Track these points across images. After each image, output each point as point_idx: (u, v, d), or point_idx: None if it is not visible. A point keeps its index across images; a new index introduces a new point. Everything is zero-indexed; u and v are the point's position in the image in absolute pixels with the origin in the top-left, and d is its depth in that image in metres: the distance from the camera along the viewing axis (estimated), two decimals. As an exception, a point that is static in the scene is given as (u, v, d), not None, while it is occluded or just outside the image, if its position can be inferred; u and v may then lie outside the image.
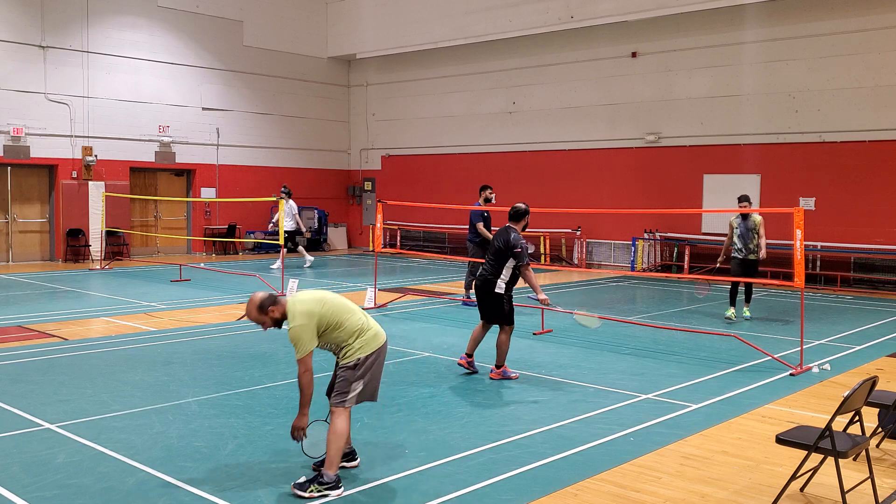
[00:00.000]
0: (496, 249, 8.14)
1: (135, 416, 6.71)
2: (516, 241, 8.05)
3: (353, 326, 5.16)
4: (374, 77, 26.48)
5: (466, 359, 8.40)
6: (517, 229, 8.24)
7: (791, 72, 17.90)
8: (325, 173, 26.47)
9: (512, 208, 8.39)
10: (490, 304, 8.17)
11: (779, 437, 4.98)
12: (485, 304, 8.22)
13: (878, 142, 16.81)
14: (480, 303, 8.29)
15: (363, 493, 5.04)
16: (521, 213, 8.34)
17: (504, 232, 8.19)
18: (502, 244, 8.10)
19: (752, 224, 11.93)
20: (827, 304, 14.43)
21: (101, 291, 14.96)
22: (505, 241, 8.08)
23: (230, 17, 23.67)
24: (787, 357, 9.24)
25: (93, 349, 9.56)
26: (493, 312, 8.18)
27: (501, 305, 8.13)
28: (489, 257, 8.25)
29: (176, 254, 23.07)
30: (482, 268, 8.29)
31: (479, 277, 8.23)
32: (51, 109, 20.12)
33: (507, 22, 21.47)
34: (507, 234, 8.14)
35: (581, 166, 21.35)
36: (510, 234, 8.11)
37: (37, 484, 5.15)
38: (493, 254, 8.18)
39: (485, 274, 8.19)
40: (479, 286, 8.25)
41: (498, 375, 8.15)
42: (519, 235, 8.15)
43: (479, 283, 8.23)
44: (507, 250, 8.04)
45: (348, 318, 5.16)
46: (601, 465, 5.61)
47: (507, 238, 8.09)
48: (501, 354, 8.16)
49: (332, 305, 5.14)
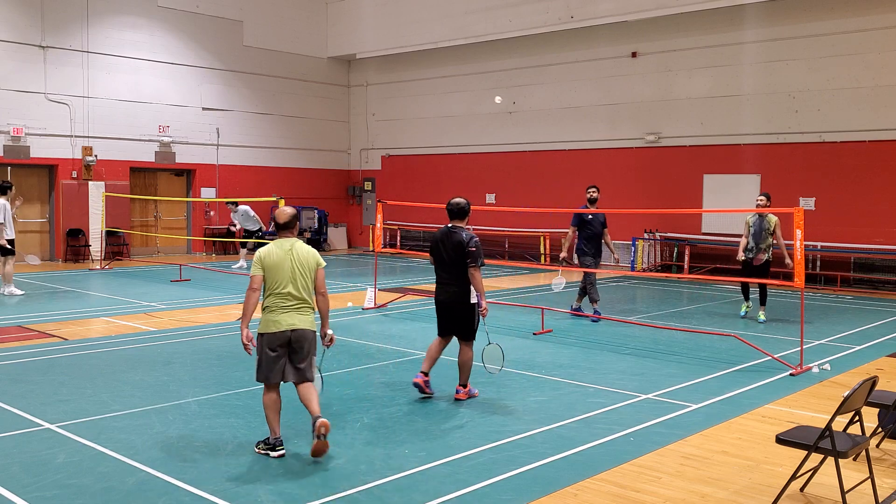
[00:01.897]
0: (452, 256, 7.18)
1: (135, 416, 6.71)
2: (470, 239, 7.16)
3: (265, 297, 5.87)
4: (374, 77, 26.48)
5: (423, 378, 7.39)
6: (465, 227, 7.34)
7: (791, 72, 17.90)
8: (325, 173, 26.47)
9: (454, 205, 7.34)
10: (462, 317, 7.26)
11: (779, 437, 4.98)
12: (455, 318, 7.30)
13: (878, 142, 16.81)
14: (447, 317, 7.35)
15: (363, 493, 5.04)
16: (466, 209, 7.37)
17: (453, 233, 7.24)
18: (455, 247, 7.16)
19: (766, 224, 12.00)
20: (827, 304, 14.43)
21: (101, 291, 14.96)
22: (459, 243, 7.15)
23: (230, 17, 23.67)
24: (787, 357, 9.24)
25: (93, 349, 9.56)
26: (464, 327, 7.30)
27: (473, 319, 7.28)
28: (445, 267, 7.26)
29: (176, 254, 23.08)
30: (442, 284, 7.34)
31: (443, 294, 7.31)
32: (51, 109, 20.12)
33: (507, 22, 21.47)
34: (457, 234, 7.21)
35: (581, 166, 21.34)
36: (462, 234, 7.19)
37: (37, 484, 5.15)
38: (450, 262, 7.21)
39: (451, 287, 7.25)
40: (446, 301, 7.30)
41: (465, 395, 7.36)
42: (472, 234, 7.26)
43: (447, 297, 7.29)
44: (462, 252, 7.13)
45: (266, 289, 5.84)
46: (601, 465, 5.61)
47: (459, 239, 7.17)
48: (468, 371, 7.37)
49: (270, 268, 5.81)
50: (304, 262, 5.85)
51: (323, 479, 5.29)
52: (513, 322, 11.79)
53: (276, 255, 5.81)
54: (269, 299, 5.81)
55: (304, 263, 5.85)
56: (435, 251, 7.39)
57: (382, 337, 10.49)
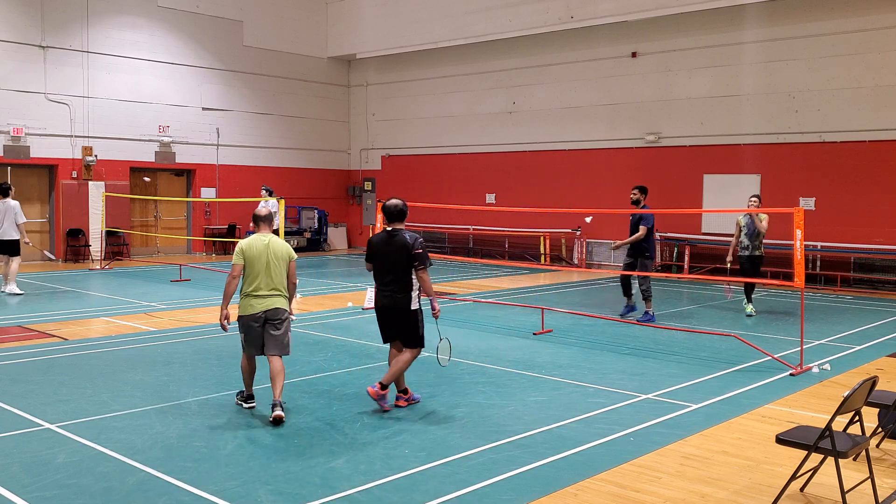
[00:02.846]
0: (395, 259, 6.87)
1: (135, 416, 6.71)
2: (415, 240, 6.87)
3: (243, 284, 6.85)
4: (374, 77, 26.48)
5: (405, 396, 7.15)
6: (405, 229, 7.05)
7: (791, 72, 17.90)
8: (325, 173, 26.47)
9: (393, 207, 7.01)
10: (407, 322, 6.95)
11: (779, 437, 4.98)
12: (400, 323, 6.99)
13: (878, 142, 16.81)
14: (392, 324, 7.03)
15: (363, 493, 5.04)
16: (405, 210, 7.05)
17: (394, 236, 6.92)
18: (399, 250, 6.86)
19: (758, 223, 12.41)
20: (827, 304, 14.43)
21: (101, 291, 14.96)
22: (403, 245, 6.85)
23: (230, 17, 23.67)
24: (787, 357, 9.24)
25: (93, 349, 9.56)
26: (410, 333, 6.97)
27: (419, 325, 6.98)
28: (387, 271, 6.94)
29: (176, 254, 23.08)
30: (383, 290, 6.99)
31: (386, 298, 6.96)
32: (51, 109, 20.12)
33: (507, 22, 21.47)
34: (400, 236, 6.89)
35: (581, 166, 21.35)
36: (405, 236, 6.89)
37: (37, 484, 5.15)
38: (393, 265, 6.89)
39: (392, 293, 6.92)
40: (390, 306, 6.96)
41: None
42: (415, 235, 6.98)
43: (388, 304, 6.95)
44: (408, 255, 6.82)
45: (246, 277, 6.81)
46: (601, 465, 5.61)
47: (403, 241, 6.85)
48: (397, 373, 6.97)
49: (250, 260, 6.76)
50: (278, 256, 6.82)
51: (323, 479, 5.29)
52: (513, 322, 11.79)
53: (256, 248, 6.77)
54: (248, 286, 6.79)
55: (279, 256, 6.83)
56: (374, 256, 7.04)
57: (382, 337, 10.48)
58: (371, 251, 7.11)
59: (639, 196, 12.11)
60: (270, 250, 6.78)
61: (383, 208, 7.06)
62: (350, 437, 6.18)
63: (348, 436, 6.22)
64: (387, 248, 6.95)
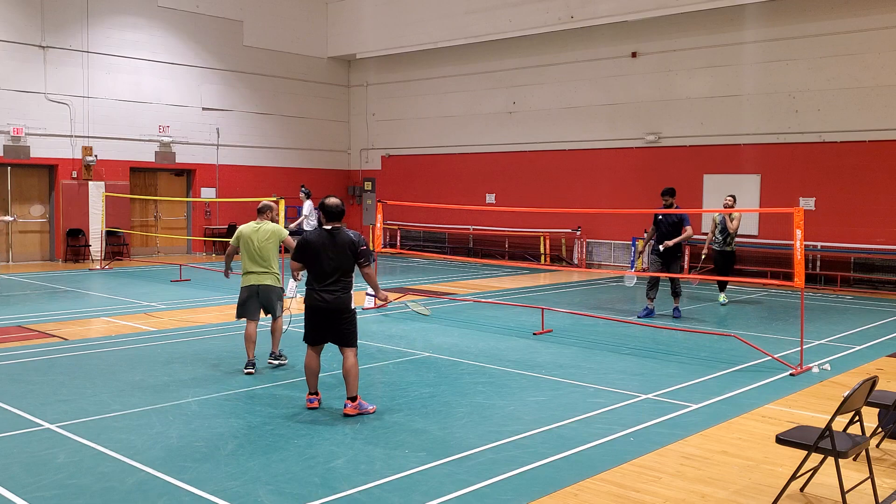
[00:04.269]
0: (337, 257, 6.75)
1: (135, 416, 6.71)
2: (359, 238, 6.86)
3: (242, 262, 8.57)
4: (374, 77, 26.48)
5: (317, 398, 7.06)
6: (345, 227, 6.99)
7: (791, 72, 17.90)
8: (325, 173, 26.46)
9: (335, 206, 6.88)
10: (346, 324, 6.84)
11: (779, 437, 4.98)
12: (338, 323, 6.82)
13: (878, 142, 16.81)
14: (328, 324, 6.85)
15: (363, 493, 5.04)
16: (344, 209, 7.00)
17: (336, 234, 6.80)
18: (343, 248, 6.76)
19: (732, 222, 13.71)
20: (827, 304, 14.43)
21: (101, 291, 14.96)
22: (349, 243, 6.77)
23: (230, 17, 23.67)
24: (787, 357, 9.24)
25: (93, 349, 9.56)
26: (348, 333, 6.87)
27: (355, 324, 6.93)
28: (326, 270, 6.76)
29: (176, 254, 23.08)
30: (321, 290, 6.79)
31: (327, 297, 6.77)
32: (51, 109, 20.12)
33: (507, 22, 21.47)
34: (343, 234, 6.80)
35: (581, 166, 21.35)
36: (349, 234, 6.83)
37: (37, 484, 5.15)
38: (334, 263, 6.75)
39: (335, 291, 6.77)
40: (328, 307, 6.78)
41: (355, 410, 6.78)
42: (357, 232, 6.95)
43: (329, 303, 6.77)
44: (354, 252, 6.77)
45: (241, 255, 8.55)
46: (601, 465, 5.61)
47: (348, 239, 6.78)
48: (356, 381, 6.82)
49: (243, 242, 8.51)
50: (262, 239, 8.39)
51: (323, 479, 5.29)
52: (513, 322, 11.79)
53: (247, 232, 8.49)
54: (242, 264, 8.49)
55: (264, 239, 8.39)
56: (312, 256, 6.80)
57: (382, 337, 10.49)
58: (308, 250, 6.82)
59: (671, 199, 12.48)
60: (257, 235, 8.41)
61: (323, 207, 6.87)
62: (350, 437, 6.18)
63: (348, 436, 6.22)
64: (329, 247, 6.75)
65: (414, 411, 6.96)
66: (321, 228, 6.89)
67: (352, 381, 6.78)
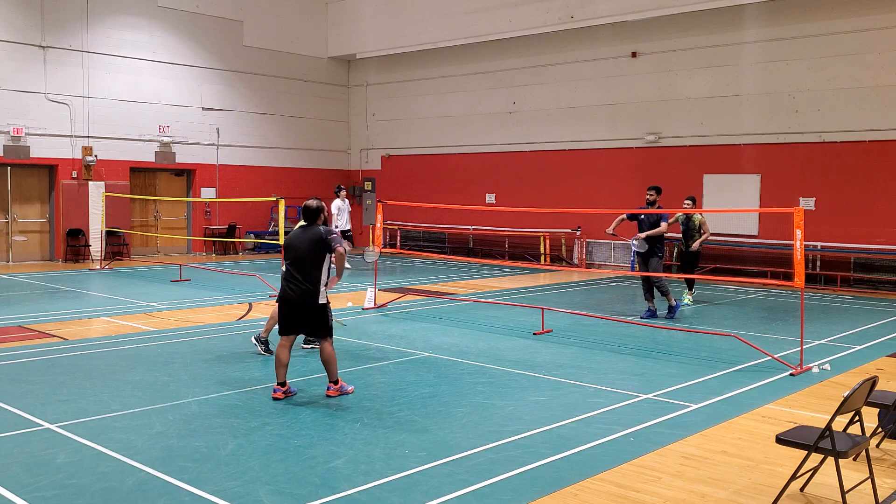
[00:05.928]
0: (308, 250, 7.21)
1: (135, 416, 6.71)
2: (328, 231, 7.30)
3: None
4: (374, 77, 26.48)
5: (283, 389, 7.31)
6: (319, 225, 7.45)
7: (791, 72, 17.90)
8: (325, 173, 26.46)
9: (306, 207, 7.45)
10: (315, 317, 7.27)
11: (779, 437, 4.98)
12: (308, 315, 7.26)
13: (878, 142, 16.81)
14: (299, 315, 7.28)
15: (363, 493, 5.04)
16: (321, 208, 7.46)
17: (306, 230, 7.38)
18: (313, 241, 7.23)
19: (692, 224, 14.00)
20: (827, 304, 14.43)
21: (101, 291, 14.96)
22: (318, 237, 7.23)
23: (230, 17, 23.67)
24: (787, 357, 9.24)
25: (93, 349, 9.56)
26: (319, 324, 7.30)
27: (327, 317, 7.36)
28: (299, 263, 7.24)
29: (176, 254, 23.08)
30: (293, 282, 7.25)
31: (296, 292, 7.23)
32: (51, 109, 20.12)
33: (507, 22, 21.47)
34: (313, 229, 7.33)
35: (581, 166, 21.35)
36: (318, 228, 7.34)
37: (37, 484, 5.15)
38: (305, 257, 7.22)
39: (304, 287, 7.21)
40: (298, 299, 7.24)
41: (337, 392, 7.34)
42: (329, 228, 7.39)
43: (298, 295, 7.23)
44: (323, 246, 7.21)
45: None
46: (601, 465, 5.61)
47: (317, 233, 7.26)
48: (335, 366, 7.35)
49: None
50: None
51: (323, 479, 5.29)
52: (513, 322, 11.79)
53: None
54: None
55: None
56: (291, 250, 7.34)
57: (382, 337, 10.49)
58: (289, 248, 7.40)
59: (655, 197, 12.43)
60: None
61: (302, 207, 7.50)
62: (350, 437, 6.18)
63: (348, 436, 6.22)
64: (300, 242, 7.31)
65: (414, 411, 6.96)
66: (298, 227, 7.62)
67: (331, 367, 7.35)
